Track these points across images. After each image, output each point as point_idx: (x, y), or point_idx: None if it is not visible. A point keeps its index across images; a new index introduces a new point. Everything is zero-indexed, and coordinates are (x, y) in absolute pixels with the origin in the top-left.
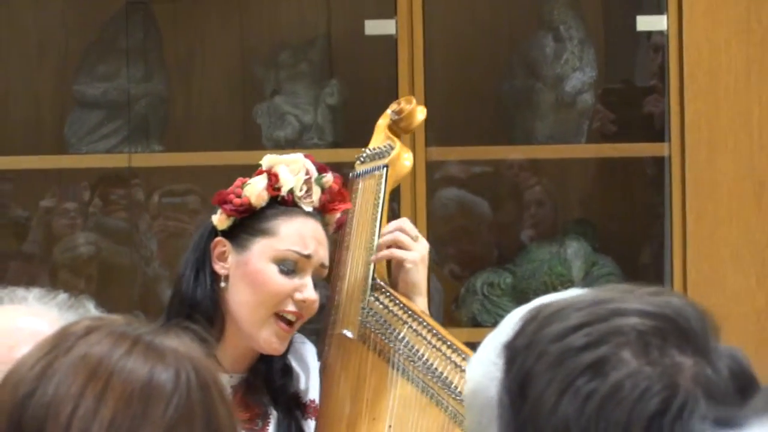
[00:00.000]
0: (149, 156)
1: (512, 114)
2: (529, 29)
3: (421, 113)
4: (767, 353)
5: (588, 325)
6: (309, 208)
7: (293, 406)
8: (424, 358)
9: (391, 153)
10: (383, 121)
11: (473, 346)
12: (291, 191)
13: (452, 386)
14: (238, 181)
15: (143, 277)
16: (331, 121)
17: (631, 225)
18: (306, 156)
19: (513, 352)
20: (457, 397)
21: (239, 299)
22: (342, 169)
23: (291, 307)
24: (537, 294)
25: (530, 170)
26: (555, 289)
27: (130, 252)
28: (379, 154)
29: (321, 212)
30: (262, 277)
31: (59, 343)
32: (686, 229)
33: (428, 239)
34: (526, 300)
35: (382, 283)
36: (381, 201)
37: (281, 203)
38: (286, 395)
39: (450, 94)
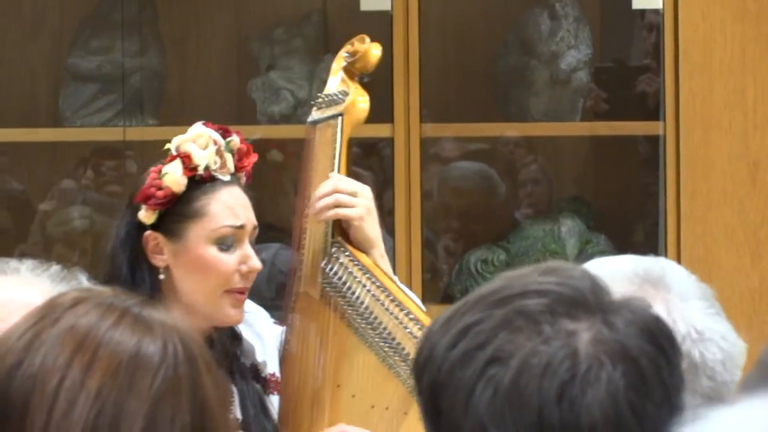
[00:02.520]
0: (143, 129)
1: (507, 91)
2: (525, 6)
3: (376, 50)
4: (761, 332)
5: (475, 325)
6: (227, 177)
7: (252, 378)
8: (382, 326)
9: (346, 100)
10: (338, 64)
11: None
12: (207, 167)
13: (409, 359)
14: (153, 172)
15: None
16: None
17: (626, 203)
18: (205, 125)
19: (418, 370)
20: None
21: (189, 288)
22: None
23: (240, 283)
24: None
25: (525, 147)
26: None
27: None
28: (335, 101)
29: (235, 174)
30: (206, 263)
31: (47, 314)
32: (680, 208)
33: (423, 214)
34: None
35: (341, 241)
36: (338, 153)
37: (200, 181)
38: (242, 365)
39: (445, 70)
